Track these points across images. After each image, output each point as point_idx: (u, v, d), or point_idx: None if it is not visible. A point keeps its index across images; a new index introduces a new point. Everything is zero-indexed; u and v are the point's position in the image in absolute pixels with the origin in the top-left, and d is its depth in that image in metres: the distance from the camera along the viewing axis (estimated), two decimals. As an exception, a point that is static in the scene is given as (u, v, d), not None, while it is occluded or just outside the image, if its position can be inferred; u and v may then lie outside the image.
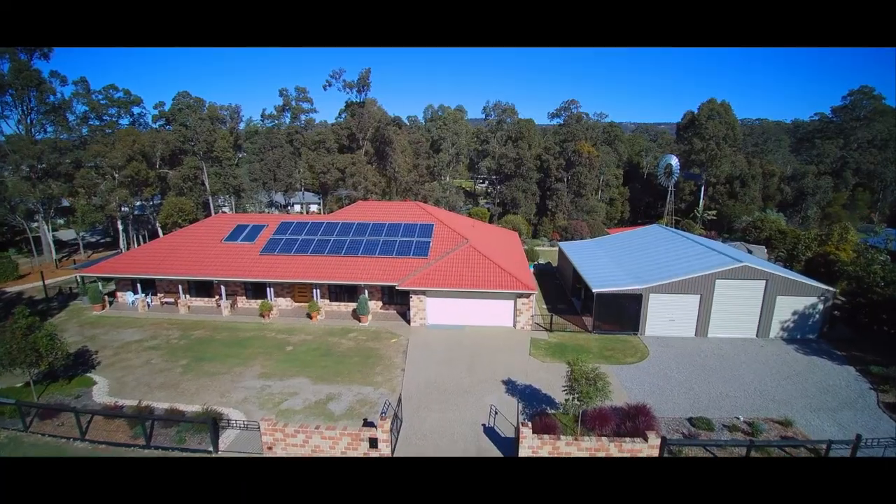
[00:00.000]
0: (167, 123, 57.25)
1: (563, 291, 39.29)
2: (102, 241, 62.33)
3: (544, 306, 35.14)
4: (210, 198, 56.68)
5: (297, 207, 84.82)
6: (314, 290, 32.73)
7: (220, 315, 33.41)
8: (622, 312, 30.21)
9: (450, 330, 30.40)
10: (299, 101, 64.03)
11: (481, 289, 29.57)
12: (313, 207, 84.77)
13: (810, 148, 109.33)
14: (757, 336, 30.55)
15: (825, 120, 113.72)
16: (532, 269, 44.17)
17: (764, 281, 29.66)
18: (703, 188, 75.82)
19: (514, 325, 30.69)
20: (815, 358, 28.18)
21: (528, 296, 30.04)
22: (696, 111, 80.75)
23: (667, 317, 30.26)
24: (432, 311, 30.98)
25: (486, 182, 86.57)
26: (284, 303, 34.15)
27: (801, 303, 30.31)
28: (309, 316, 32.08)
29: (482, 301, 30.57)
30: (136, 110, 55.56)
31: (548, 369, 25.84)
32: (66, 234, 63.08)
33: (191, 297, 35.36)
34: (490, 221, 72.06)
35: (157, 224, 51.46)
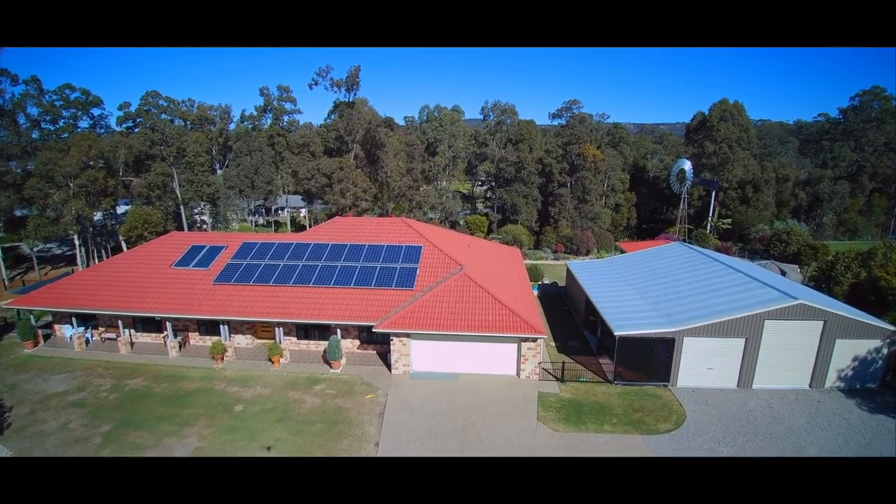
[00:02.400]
0: (133, 126, 50.80)
1: (572, 320, 33.16)
2: (69, 252, 56.07)
3: (553, 343, 29.01)
4: (182, 207, 50.41)
5: (286, 212, 78.55)
6: (277, 328, 26.63)
7: (167, 356, 27.28)
8: (650, 359, 24.12)
9: (439, 381, 24.27)
10: (282, 101, 57.58)
11: (477, 332, 23.47)
12: (303, 212, 78.54)
13: (818, 150, 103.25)
14: (810, 387, 24.57)
15: (832, 121, 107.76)
16: (536, 292, 38.07)
17: (821, 322, 23.65)
18: (714, 194, 69.58)
19: (518, 374, 24.58)
20: (883, 417, 22.31)
21: (534, 339, 23.94)
22: (706, 112, 74.62)
23: (704, 364, 24.18)
24: (418, 356, 24.88)
25: (486, 186, 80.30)
26: (244, 340, 28.02)
27: (863, 347, 24.32)
28: (270, 360, 25.96)
29: (479, 344, 24.47)
30: (96, 112, 49.12)
31: (563, 443, 19.73)
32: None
33: (136, 331, 29.22)
34: (489, 230, 65.92)
35: (121, 237, 45.23)
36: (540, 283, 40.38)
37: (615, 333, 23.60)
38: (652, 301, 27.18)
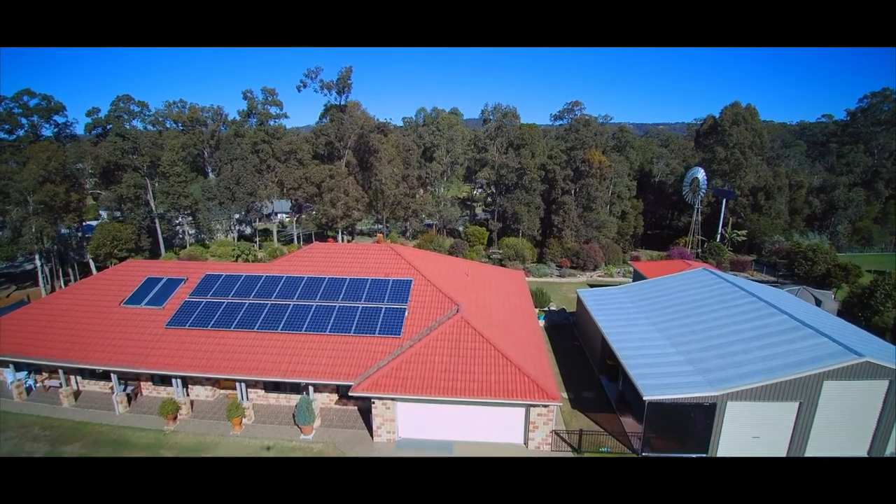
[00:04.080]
0: (103, 134, 45.93)
1: (585, 360, 28.70)
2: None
3: (565, 395, 24.51)
4: (157, 221, 45.76)
5: (276, 219, 73.95)
6: (239, 383, 22.10)
7: (114, 412, 22.85)
8: (685, 425, 19.70)
9: (430, 452, 19.81)
10: (266, 105, 52.78)
11: (477, 398, 19.00)
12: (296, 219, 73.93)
13: (824, 153, 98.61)
14: (869, 454, 20.19)
15: (838, 123, 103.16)
16: (542, 322, 33.57)
17: (887, 381, 19.23)
18: (724, 202, 64.95)
19: (526, 444, 20.10)
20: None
21: (546, 405, 19.46)
22: (716, 115, 70.06)
23: (749, 432, 19.75)
24: (405, 421, 20.39)
25: (485, 193, 75.62)
26: (203, 392, 23.55)
27: (933, 407, 19.90)
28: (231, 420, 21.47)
29: (479, 407, 20.00)
30: (60, 119, 44.15)
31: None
32: None
33: (83, 378, 24.82)
34: (489, 243, 61.37)
35: (88, 256, 40.66)
36: (546, 309, 35.92)
37: (645, 398, 19.10)
38: (683, 349, 22.68)
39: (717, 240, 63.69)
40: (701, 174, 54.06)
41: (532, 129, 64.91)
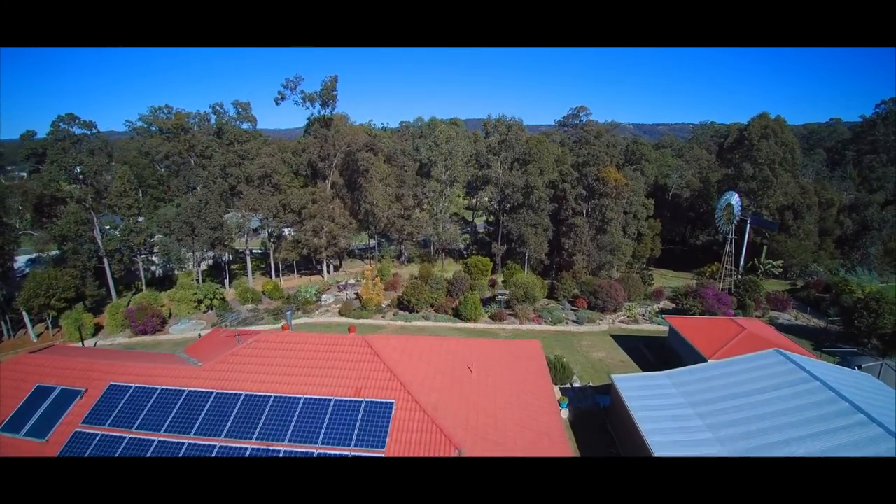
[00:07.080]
0: (39, 162, 38.06)
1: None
2: None
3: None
4: (106, 260, 38.07)
5: (265, 235, 66.04)
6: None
7: None
8: None
9: None
10: (238, 121, 44.85)
11: None
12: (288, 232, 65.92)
13: (840, 161, 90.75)
14: None
15: (853, 129, 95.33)
16: (565, 412, 25.69)
17: None
18: (748, 223, 57.16)
19: None
20: None
21: None
22: (737, 125, 62.21)
23: None
24: None
25: (488, 211, 67.78)
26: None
27: None
28: None
29: None
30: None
31: None
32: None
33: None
34: (493, 270, 53.74)
35: (21, 308, 33.06)
36: (569, 386, 28.37)
37: None
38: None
39: (742, 265, 56.23)
40: (735, 199, 46.26)
41: (540, 142, 56.95)
